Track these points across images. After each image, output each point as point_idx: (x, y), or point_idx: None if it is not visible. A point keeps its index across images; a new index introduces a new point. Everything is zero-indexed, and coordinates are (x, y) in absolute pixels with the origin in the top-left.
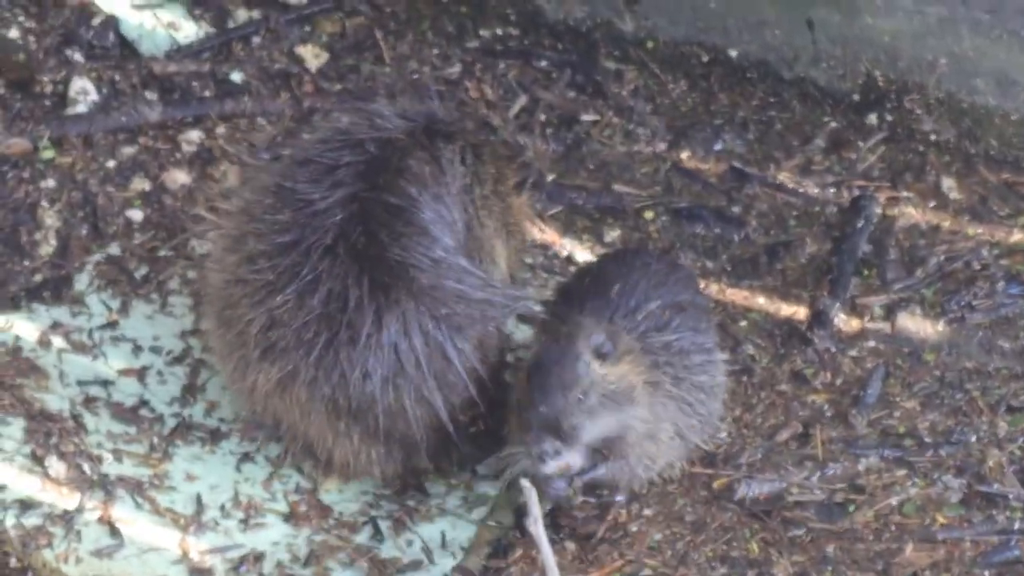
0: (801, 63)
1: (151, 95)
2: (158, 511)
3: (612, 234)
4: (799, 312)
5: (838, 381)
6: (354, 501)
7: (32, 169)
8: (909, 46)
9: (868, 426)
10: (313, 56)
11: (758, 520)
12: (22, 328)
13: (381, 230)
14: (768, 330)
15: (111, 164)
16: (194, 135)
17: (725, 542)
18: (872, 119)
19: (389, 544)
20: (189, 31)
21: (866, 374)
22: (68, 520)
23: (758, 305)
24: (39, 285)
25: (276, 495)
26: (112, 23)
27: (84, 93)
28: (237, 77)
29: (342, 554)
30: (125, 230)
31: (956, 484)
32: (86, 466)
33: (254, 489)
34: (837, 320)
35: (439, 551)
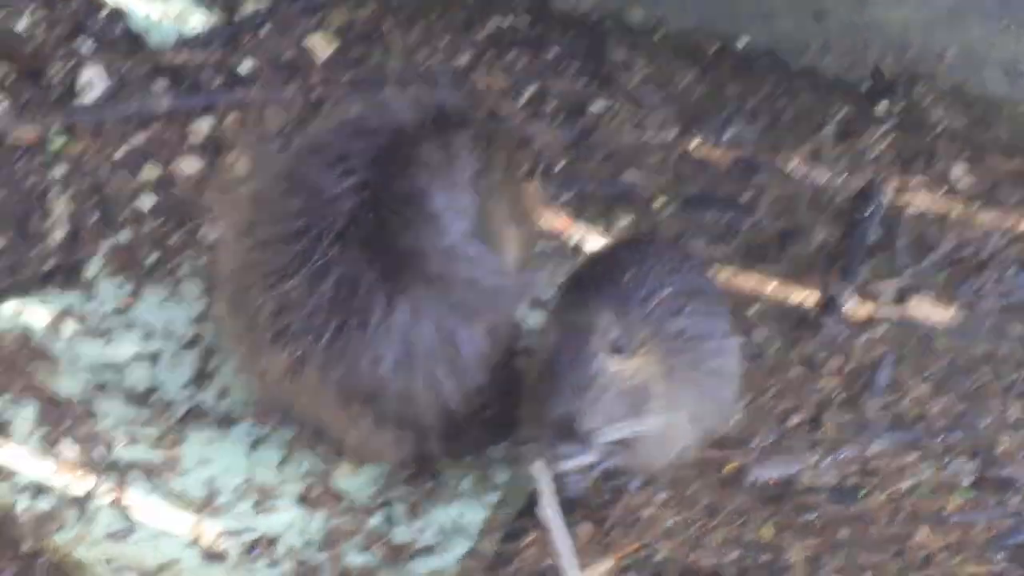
0: (810, 52)
1: (160, 85)
2: (171, 495)
3: (623, 222)
4: (810, 298)
5: (849, 366)
6: (367, 485)
7: (42, 158)
8: (918, 36)
9: (879, 411)
10: (322, 46)
11: (771, 504)
12: (34, 314)
13: (392, 217)
14: (779, 316)
15: (121, 153)
16: (204, 124)
17: (739, 526)
18: (881, 108)
19: (403, 528)
20: (198, 21)
21: (877, 359)
22: (81, 504)
23: (769, 292)
24: (50, 272)
25: (289, 479)
26: (121, 13)
27: (93, 83)
28: (246, 67)
29: (356, 538)
30: (136, 217)
31: (968, 468)
32: (98, 450)
33: (267, 473)
34: (848, 306)
35: (453, 535)
